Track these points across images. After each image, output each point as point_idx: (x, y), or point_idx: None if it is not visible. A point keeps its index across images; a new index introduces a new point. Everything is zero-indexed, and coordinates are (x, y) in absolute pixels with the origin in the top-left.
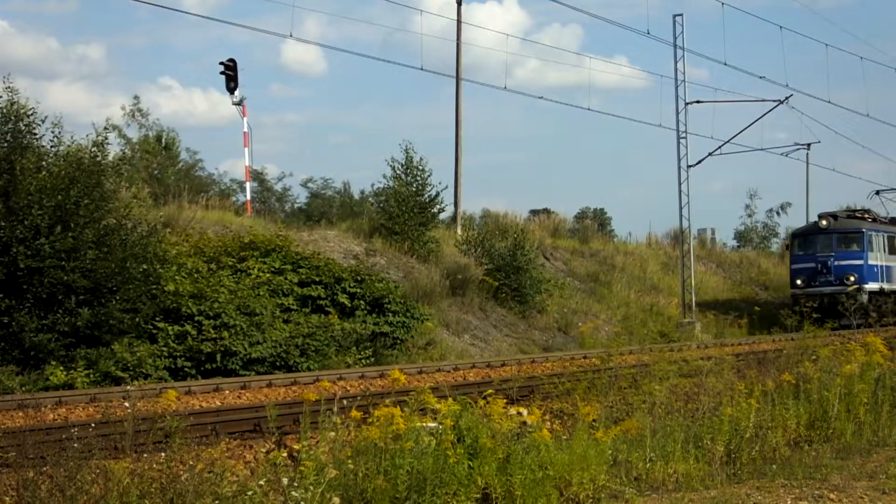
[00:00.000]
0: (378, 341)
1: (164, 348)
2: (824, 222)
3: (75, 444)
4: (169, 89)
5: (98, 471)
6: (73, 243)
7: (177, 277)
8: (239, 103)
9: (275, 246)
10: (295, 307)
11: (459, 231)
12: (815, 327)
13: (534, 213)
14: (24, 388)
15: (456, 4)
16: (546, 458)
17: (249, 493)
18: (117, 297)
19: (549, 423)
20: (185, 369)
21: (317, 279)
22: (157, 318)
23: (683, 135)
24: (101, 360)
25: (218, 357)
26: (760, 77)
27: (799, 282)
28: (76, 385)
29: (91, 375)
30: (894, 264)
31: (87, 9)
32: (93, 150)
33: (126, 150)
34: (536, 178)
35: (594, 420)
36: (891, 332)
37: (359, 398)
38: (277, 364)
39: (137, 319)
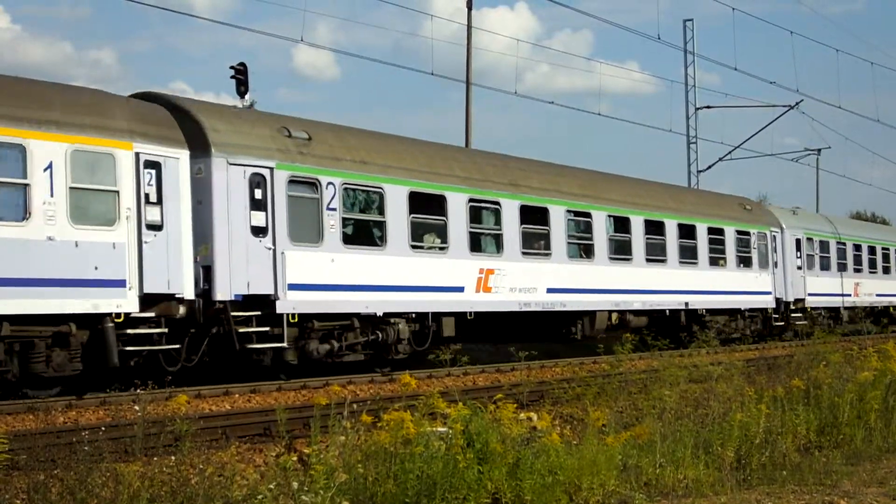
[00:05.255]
0: None
1: None
2: None
3: (86, 448)
4: (181, 94)
5: (108, 474)
6: None
7: None
8: (250, 107)
9: None
10: None
11: None
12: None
13: None
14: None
15: (466, 10)
16: (556, 462)
17: (259, 496)
18: None
19: (558, 428)
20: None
21: None
22: None
23: (693, 140)
24: None
25: None
26: (771, 82)
27: None
28: None
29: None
30: None
31: (99, 13)
32: None
33: None
34: None
35: (604, 425)
36: None
37: (369, 402)
38: None
39: None
